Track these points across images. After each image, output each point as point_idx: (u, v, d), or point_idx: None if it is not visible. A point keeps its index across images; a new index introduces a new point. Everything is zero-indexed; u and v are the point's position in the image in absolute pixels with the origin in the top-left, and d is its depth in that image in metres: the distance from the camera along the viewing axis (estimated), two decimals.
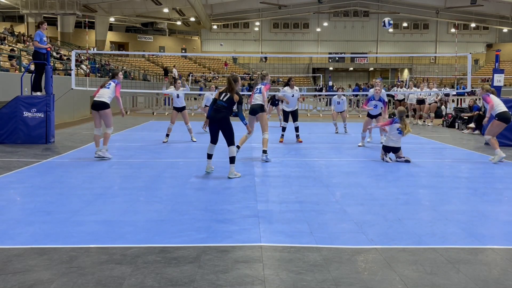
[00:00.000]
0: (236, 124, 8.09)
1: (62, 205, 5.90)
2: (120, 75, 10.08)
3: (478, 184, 7.57)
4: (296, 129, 12.43)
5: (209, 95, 14.03)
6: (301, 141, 12.25)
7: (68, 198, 6.28)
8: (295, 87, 12.65)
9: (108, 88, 9.47)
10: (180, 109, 12.43)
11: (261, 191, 6.74)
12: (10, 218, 5.33)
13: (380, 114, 11.52)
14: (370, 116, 11.64)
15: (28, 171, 8.14)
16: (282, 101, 12.83)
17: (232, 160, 7.71)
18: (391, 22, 11.42)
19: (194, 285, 3.61)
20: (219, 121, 7.64)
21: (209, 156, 7.95)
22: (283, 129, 12.47)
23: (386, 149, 9.47)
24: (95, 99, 9.40)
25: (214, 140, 7.88)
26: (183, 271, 3.86)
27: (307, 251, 4.35)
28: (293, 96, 12.35)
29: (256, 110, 9.62)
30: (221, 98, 7.71)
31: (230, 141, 7.67)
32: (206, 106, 14.19)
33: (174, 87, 12.72)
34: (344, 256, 4.24)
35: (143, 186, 7.06)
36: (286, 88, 12.53)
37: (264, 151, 9.39)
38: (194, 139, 12.38)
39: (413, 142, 12.91)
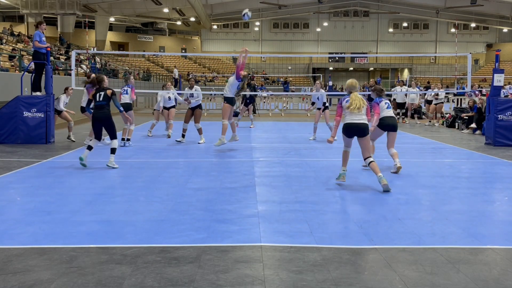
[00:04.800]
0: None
1: (62, 205, 5.90)
2: (93, 77, 10.69)
3: (478, 184, 7.57)
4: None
5: (165, 94, 13.73)
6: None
7: (68, 198, 6.28)
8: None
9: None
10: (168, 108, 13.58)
11: (261, 191, 6.74)
12: (10, 218, 5.33)
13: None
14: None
15: (28, 171, 8.14)
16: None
17: (112, 151, 8.44)
18: (249, 14, 10.97)
19: (194, 285, 3.61)
20: (104, 118, 8.45)
21: (89, 148, 8.54)
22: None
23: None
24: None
25: (98, 137, 8.69)
26: (183, 271, 3.86)
27: (307, 251, 4.35)
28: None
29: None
30: (99, 99, 8.46)
31: (112, 135, 8.53)
32: (164, 108, 13.73)
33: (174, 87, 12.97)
34: (344, 256, 4.24)
35: (143, 186, 7.06)
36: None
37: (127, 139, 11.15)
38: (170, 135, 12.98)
39: (413, 142, 12.92)
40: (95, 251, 4.30)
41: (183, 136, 12.22)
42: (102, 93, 8.43)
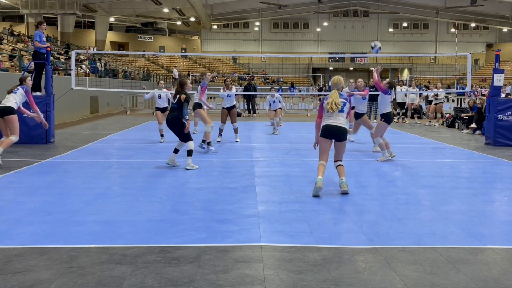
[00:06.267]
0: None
1: (62, 205, 5.90)
2: (29, 80, 9.78)
3: (478, 184, 7.57)
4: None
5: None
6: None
7: (68, 198, 6.28)
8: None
9: (15, 93, 9.27)
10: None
11: (261, 191, 6.74)
12: (10, 218, 5.33)
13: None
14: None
15: (28, 171, 8.14)
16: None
17: (189, 153, 8.48)
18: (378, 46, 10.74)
19: (194, 285, 3.61)
20: (171, 121, 8.51)
21: (175, 151, 8.62)
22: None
23: None
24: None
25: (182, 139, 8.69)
26: (183, 271, 3.86)
27: (307, 251, 4.35)
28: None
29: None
30: (173, 102, 8.64)
31: (184, 138, 8.52)
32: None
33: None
34: (344, 256, 4.24)
35: (143, 186, 7.06)
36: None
37: (208, 142, 10.52)
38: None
39: (413, 142, 12.92)
40: (95, 251, 4.30)
41: (220, 135, 12.33)
42: (178, 96, 8.51)
